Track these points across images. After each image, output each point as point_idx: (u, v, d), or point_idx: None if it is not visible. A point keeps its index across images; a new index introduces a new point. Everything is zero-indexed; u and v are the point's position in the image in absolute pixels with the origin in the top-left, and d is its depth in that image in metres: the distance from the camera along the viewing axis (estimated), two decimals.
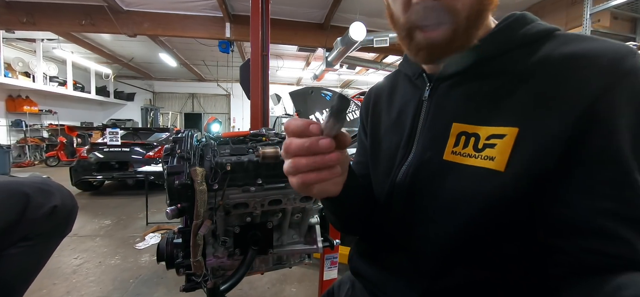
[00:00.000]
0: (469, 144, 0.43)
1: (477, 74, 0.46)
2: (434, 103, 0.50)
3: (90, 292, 2.37)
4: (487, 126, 0.42)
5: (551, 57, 0.39)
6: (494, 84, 0.43)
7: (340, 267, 1.82)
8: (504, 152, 0.40)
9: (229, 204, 0.80)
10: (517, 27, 0.44)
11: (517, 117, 0.39)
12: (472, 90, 0.45)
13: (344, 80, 14.21)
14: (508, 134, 0.39)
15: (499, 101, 0.42)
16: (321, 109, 4.49)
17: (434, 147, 0.47)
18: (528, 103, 0.39)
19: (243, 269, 0.82)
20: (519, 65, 0.42)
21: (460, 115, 0.45)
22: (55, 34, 7.62)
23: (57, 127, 10.36)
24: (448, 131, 0.46)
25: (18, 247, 1.01)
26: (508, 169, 0.39)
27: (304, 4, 6.08)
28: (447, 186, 0.45)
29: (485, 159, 0.41)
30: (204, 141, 0.85)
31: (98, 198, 5.39)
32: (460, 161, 0.43)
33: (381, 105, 0.63)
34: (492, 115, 0.42)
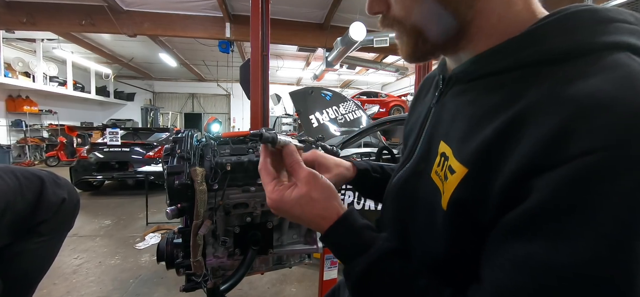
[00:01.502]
0: (444, 168, 0.38)
1: (483, 85, 0.38)
2: (437, 112, 0.46)
3: (90, 292, 2.37)
4: (453, 155, 0.37)
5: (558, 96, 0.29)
6: (485, 104, 0.36)
7: (340, 267, 1.82)
8: (449, 190, 0.36)
9: (229, 204, 0.80)
10: (555, 32, 0.33)
11: (474, 155, 0.33)
12: (464, 106, 0.39)
13: (344, 80, 14.21)
14: (457, 172, 0.35)
15: (475, 128, 0.35)
16: (321, 109, 4.49)
17: (427, 160, 0.44)
18: (492, 142, 0.32)
19: (243, 269, 0.82)
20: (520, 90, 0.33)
21: (447, 133, 0.41)
22: (55, 34, 7.63)
23: (57, 127, 10.37)
24: (437, 147, 0.41)
25: (35, 243, 1.10)
26: (448, 210, 0.36)
27: (304, 4, 6.08)
28: (425, 205, 0.42)
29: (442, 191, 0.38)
30: (204, 141, 0.85)
31: (98, 198, 5.40)
32: (437, 183, 0.40)
33: (421, 97, 0.58)
34: (462, 143, 0.36)
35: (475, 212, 0.33)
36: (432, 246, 0.40)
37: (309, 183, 0.43)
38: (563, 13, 0.34)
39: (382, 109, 10.81)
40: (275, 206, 0.44)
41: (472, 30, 0.38)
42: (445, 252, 0.38)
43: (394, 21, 0.41)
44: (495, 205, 0.31)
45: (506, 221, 0.30)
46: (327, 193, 0.44)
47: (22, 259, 1.09)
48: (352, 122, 4.58)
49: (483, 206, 0.32)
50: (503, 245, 0.30)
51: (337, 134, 4.22)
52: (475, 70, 0.39)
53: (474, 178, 0.33)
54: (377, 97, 11.62)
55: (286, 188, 0.44)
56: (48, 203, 1.12)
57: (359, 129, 3.70)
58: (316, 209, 0.43)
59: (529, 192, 0.28)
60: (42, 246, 1.15)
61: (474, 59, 0.39)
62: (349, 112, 4.65)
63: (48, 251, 1.20)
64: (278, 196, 0.44)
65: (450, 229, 0.36)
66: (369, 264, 0.39)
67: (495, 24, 0.37)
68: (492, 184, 0.31)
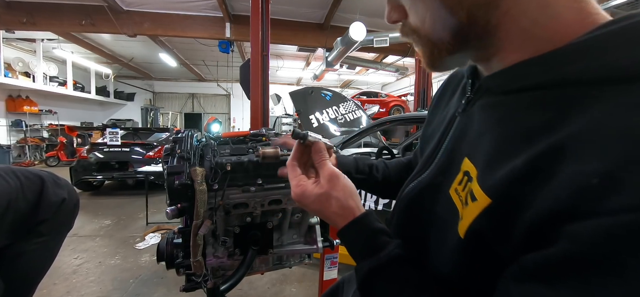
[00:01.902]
0: (465, 188, 0.35)
1: (518, 101, 0.33)
2: (463, 122, 0.42)
3: (90, 292, 2.37)
4: (477, 179, 0.33)
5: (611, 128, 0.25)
6: (519, 125, 0.31)
7: (340, 267, 1.82)
8: (468, 218, 0.33)
9: (229, 204, 0.80)
10: (619, 45, 0.27)
11: (500, 186, 0.30)
12: (494, 124, 0.35)
13: (344, 80, 14.21)
14: (479, 201, 0.32)
15: (504, 154, 0.31)
16: (321, 109, 4.49)
17: (447, 174, 0.41)
18: (523, 174, 0.28)
19: (243, 269, 0.82)
20: (563, 113, 0.28)
21: (472, 151, 0.37)
22: (55, 34, 7.63)
23: (57, 127, 10.36)
24: (460, 163, 0.38)
25: (35, 243, 1.11)
26: (465, 238, 0.34)
27: (304, 4, 6.08)
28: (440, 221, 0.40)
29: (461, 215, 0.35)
30: (204, 141, 0.85)
31: (98, 198, 5.39)
32: (456, 201, 0.37)
33: (444, 98, 0.55)
34: (488, 168, 0.32)
35: (494, 245, 0.31)
36: (443, 264, 0.39)
37: (330, 181, 0.45)
38: (632, 20, 0.27)
39: (382, 109, 10.81)
40: (298, 199, 0.47)
41: (499, 37, 0.34)
42: (456, 275, 0.37)
43: (410, 30, 0.39)
44: (518, 242, 0.28)
45: (529, 261, 0.26)
46: (347, 193, 0.45)
47: (22, 260, 1.09)
48: (352, 122, 4.58)
49: (503, 240, 0.30)
50: (520, 284, 0.27)
51: (337, 134, 4.22)
52: (510, 83, 0.34)
53: (498, 211, 0.30)
54: (377, 97, 11.62)
55: (309, 184, 0.46)
56: (48, 203, 1.12)
57: (359, 129, 3.70)
58: (334, 207, 0.45)
59: (559, 237, 0.24)
60: (43, 246, 1.15)
61: (508, 69, 0.34)
62: (349, 112, 4.65)
63: (48, 252, 1.21)
64: (301, 191, 0.46)
65: (465, 256, 0.35)
66: (376, 267, 0.40)
67: (528, 28, 0.32)
68: (517, 219, 0.28)
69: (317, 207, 0.45)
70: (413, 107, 8.58)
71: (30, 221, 1.09)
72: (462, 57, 0.39)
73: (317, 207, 0.45)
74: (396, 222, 0.51)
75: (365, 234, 0.43)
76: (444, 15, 0.35)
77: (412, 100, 9.97)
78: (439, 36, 0.36)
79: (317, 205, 0.45)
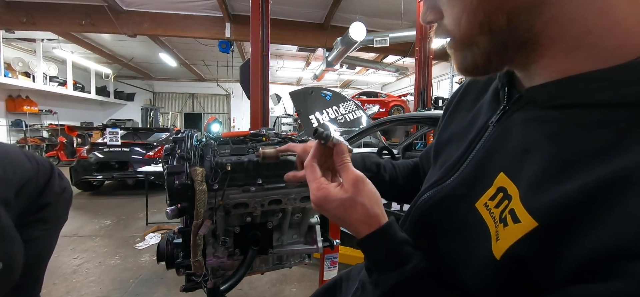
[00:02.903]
0: (501, 206, 0.33)
1: (574, 118, 0.31)
2: (497, 133, 0.40)
3: (90, 292, 2.37)
4: (520, 199, 0.31)
5: None
6: (576, 146, 0.29)
7: (340, 267, 1.82)
8: (508, 239, 0.31)
9: (229, 204, 0.80)
10: None
11: (551, 210, 0.28)
12: (543, 140, 0.32)
13: (344, 80, 14.22)
14: (523, 223, 0.29)
15: (556, 175, 0.29)
16: (321, 109, 4.49)
17: (473, 186, 0.39)
18: (578, 201, 0.26)
19: (243, 269, 0.82)
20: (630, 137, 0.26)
21: (512, 167, 0.34)
22: (55, 34, 7.63)
23: (57, 127, 10.37)
24: (493, 177, 0.36)
25: (41, 230, 1.24)
26: (502, 261, 0.31)
27: (304, 4, 6.08)
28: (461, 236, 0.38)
29: (495, 234, 0.33)
30: (204, 141, 0.85)
31: (98, 198, 5.39)
32: (485, 218, 0.35)
33: (467, 101, 0.52)
34: (536, 189, 0.30)
35: (534, 271, 0.29)
36: (466, 280, 0.37)
37: (356, 186, 0.42)
38: None
39: (382, 109, 10.81)
40: (319, 203, 0.43)
41: (542, 44, 0.31)
42: (483, 293, 0.35)
43: (446, 32, 0.37)
44: (564, 272, 0.26)
45: (574, 293, 0.25)
46: (373, 199, 0.42)
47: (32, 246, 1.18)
48: (352, 122, 4.58)
49: (547, 268, 0.28)
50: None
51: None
52: (564, 97, 0.31)
53: (545, 236, 0.28)
54: (377, 97, 11.61)
55: (332, 188, 0.43)
56: (53, 190, 1.28)
57: (359, 129, 3.70)
58: (358, 214, 0.42)
59: (617, 274, 0.22)
60: (47, 233, 1.28)
61: (562, 81, 0.31)
62: (349, 112, 4.65)
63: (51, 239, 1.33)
64: (323, 194, 0.43)
65: (499, 278, 0.33)
66: (402, 281, 0.38)
67: (580, 37, 0.29)
68: (567, 248, 0.26)
69: (340, 213, 0.42)
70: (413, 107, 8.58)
71: (35, 203, 1.22)
72: (500, 62, 0.35)
73: (339, 213, 0.42)
74: (409, 230, 0.48)
75: (390, 245, 0.41)
76: (481, 18, 0.32)
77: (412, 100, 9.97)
78: (475, 40, 0.33)
79: (340, 211, 0.42)
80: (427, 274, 0.39)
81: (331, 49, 6.86)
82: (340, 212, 0.42)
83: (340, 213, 0.42)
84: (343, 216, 0.42)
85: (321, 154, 0.48)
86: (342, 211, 0.42)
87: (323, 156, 0.48)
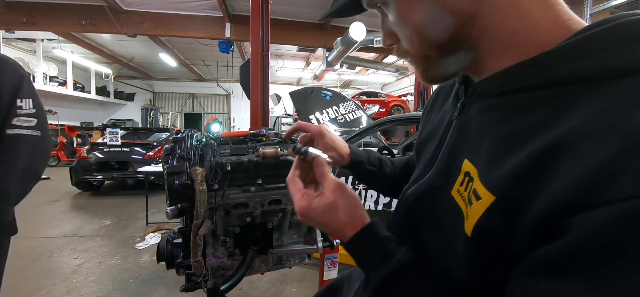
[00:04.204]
0: (467, 188, 0.36)
1: (514, 102, 0.35)
2: (459, 125, 0.44)
3: (90, 292, 2.37)
4: (479, 178, 0.35)
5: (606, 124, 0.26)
6: (518, 124, 0.33)
7: (340, 267, 1.82)
8: (474, 216, 0.34)
9: (229, 204, 0.80)
10: (604, 45, 0.30)
11: (503, 182, 0.31)
12: (492, 125, 0.37)
13: (344, 80, 14.21)
14: (484, 199, 0.33)
15: (505, 152, 0.33)
16: (321, 109, 4.49)
17: (447, 176, 0.42)
18: (524, 170, 0.30)
19: (243, 269, 0.82)
20: (559, 110, 0.30)
21: (472, 152, 0.38)
22: (55, 34, 7.63)
23: (57, 127, 10.35)
24: (460, 165, 0.39)
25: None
26: (472, 236, 0.34)
27: (304, 4, 6.08)
28: (443, 224, 0.41)
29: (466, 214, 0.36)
30: (204, 141, 0.85)
31: (98, 198, 5.39)
32: (459, 203, 0.38)
33: (437, 103, 0.56)
34: (490, 167, 0.34)
35: (502, 242, 0.32)
36: (451, 266, 0.39)
37: (335, 192, 0.45)
38: (612, 22, 0.30)
39: (382, 109, 10.81)
40: (303, 213, 0.46)
41: (482, 48, 0.37)
42: (465, 276, 0.37)
43: (403, 52, 0.43)
44: (526, 237, 0.29)
45: (538, 255, 0.27)
46: (353, 202, 0.45)
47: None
48: (352, 122, 4.58)
49: (511, 236, 0.30)
50: (532, 279, 0.28)
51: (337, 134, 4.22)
52: (505, 85, 0.36)
53: (502, 207, 0.31)
54: (377, 97, 11.62)
55: (314, 197, 0.46)
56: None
57: (359, 129, 3.70)
58: (341, 217, 0.44)
59: (565, 229, 0.25)
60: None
61: (503, 72, 0.36)
62: (349, 112, 4.65)
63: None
64: (306, 204, 0.45)
65: (474, 255, 0.35)
66: (389, 274, 0.40)
67: (509, 38, 0.35)
68: (522, 215, 0.29)
69: (324, 219, 0.45)
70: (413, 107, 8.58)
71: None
72: (453, 67, 0.41)
73: (323, 219, 0.45)
74: (397, 226, 0.51)
75: (375, 242, 0.43)
76: (427, 37, 0.39)
77: (412, 100, 9.97)
78: (427, 54, 0.40)
79: (324, 217, 0.44)
80: (413, 265, 0.41)
81: (331, 49, 6.85)
82: (325, 218, 0.44)
83: (324, 219, 0.45)
84: (327, 222, 0.45)
85: (302, 168, 0.52)
86: (326, 217, 0.44)
87: (304, 170, 0.52)
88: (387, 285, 0.40)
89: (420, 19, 0.38)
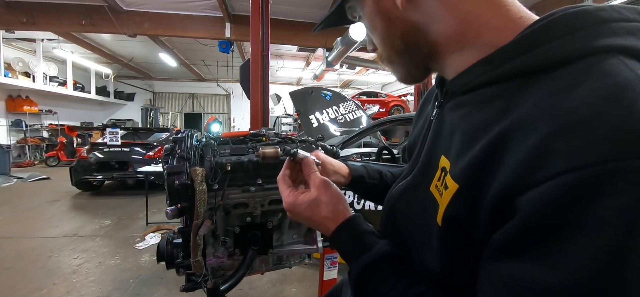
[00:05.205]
0: (443, 183, 0.38)
1: (475, 98, 0.38)
2: (436, 125, 0.46)
3: (90, 292, 2.37)
4: (449, 170, 0.37)
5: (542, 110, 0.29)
6: (477, 119, 0.35)
7: (340, 267, 1.82)
8: (443, 206, 0.36)
9: (229, 204, 0.80)
10: (544, 39, 0.32)
11: (464, 172, 0.33)
12: (459, 121, 0.39)
13: (344, 80, 14.21)
14: (450, 188, 0.35)
15: (467, 144, 0.35)
16: (321, 109, 4.49)
17: (426, 173, 0.43)
18: (480, 159, 0.32)
19: (243, 269, 0.82)
20: (510, 103, 0.32)
21: (447, 148, 0.40)
22: (55, 34, 7.62)
23: (57, 127, 10.36)
24: (438, 161, 0.41)
25: None
26: (442, 225, 0.36)
27: (304, 4, 6.08)
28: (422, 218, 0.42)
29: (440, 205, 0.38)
30: (204, 141, 0.85)
31: (98, 198, 5.39)
32: (436, 197, 0.39)
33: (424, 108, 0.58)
34: (457, 159, 0.36)
35: (468, 229, 0.34)
36: (429, 259, 0.41)
37: (319, 188, 0.49)
38: (551, 17, 0.33)
39: (382, 109, 10.81)
40: (289, 208, 0.50)
41: (441, 51, 0.41)
42: (442, 267, 0.38)
43: (380, 56, 0.48)
44: (485, 223, 0.31)
45: (495, 240, 0.30)
46: (336, 198, 0.48)
47: None
48: (352, 122, 4.58)
49: (474, 222, 0.33)
50: (493, 263, 0.30)
51: (337, 134, 4.22)
52: (465, 83, 0.39)
53: (465, 195, 0.33)
54: (377, 97, 11.61)
55: (300, 193, 0.50)
56: None
57: (359, 129, 3.70)
58: (324, 212, 0.47)
59: (514, 212, 0.28)
60: None
61: (464, 72, 0.39)
62: (349, 112, 4.65)
63: None
64: (292, 200, 0.49)
65: (445, 244, 0.37)
66: (367, 265, 0.43)
67: (462, 41, 0.38)
68: (481, 201, 0.31)
69: (308, 214, 0.48)
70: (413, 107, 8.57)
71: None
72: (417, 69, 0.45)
73: (308, 214, 0.48)
74: (382, 224, 0.54)
75: (355, 235, 0.46)
76: (389, 44, 0.44)
77: (412, 100, 9.97)
78: (392, 60, 0.46)
79: (308, 212, 0.48)
80: (391, 256, 0.43)
81: (331, 49, 6.85)
82: (309, 213, 0.48)
83: (309, 214, 0.48)
84: (311, 216, 0.48)
85: (293, 169, 0.56)
86: (309, 212, 0.48)
87: (294, 171, 0.56)
88: (365, 275, 0.43)
89: (381, 29, 0.44)
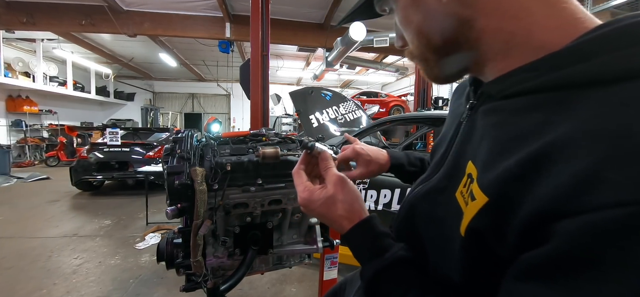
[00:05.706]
0: (468, 190, 0.36)
1: (512, 106, 0.35)
2: (467, 128, 0.43)
3: (90, 292, 2.37)
4: (477, 179, 0.34)
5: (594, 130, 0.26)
6: (512, 129, 0.33)
7: (340, 267, 1.81)
8: (468, 216, 0.34)
9: (229, 204, 0.80)
10: (604, 49, 0.29)
11: (495, 185, 0.31)
12: (491, 128, 0.36)
13: (344, 80, 14.21)
14: (477, 200, 0.33)
15: (499, 155, 0.32)
16: (321, 109, 4.49)
17: (452, 177, 0.42)
18: (515, 174, 0.29)
19: (243, 269, 0.82)
20: (553, 116, 0.30)
21: (475, 154, 0.37)
22: (55, 34, 7.63)
23: (57, 127, 10.36)
24: (465, 167, 0.39)
25: None
26: (465, 236, 0.35)
27: (304, 4, 6.08)
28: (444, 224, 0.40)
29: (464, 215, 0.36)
30: (204, 141, 0.85)
31: (98, 198, 5.39)
32: (461, 204, 0.37)
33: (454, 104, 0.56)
34: (486, 169, 0.34)
35: (493, 244, 0.32)
36: (446, 266, 0.39)
37: (336, 185, 0.47)
38: (616, 25, 0.29)
39: (382, 109, 10.81)
40: (304, 204, 0.48)
41: (484, 50, 0.37)
42: (460, 277, 0.37)
43: (409, 52, 0.44)
44: (514, 241, 0.29)
45: (525, 260, 0.28)
46: (352, 196, 0.47)
47: None
48: (352, 122, 4.58)
49: (501, 239, 0.31)
50: (518, 284, 0.28)
51: (337, 134, 4.22)
52: (504, 89, 0.36)
53: (494, 209, 0.31)
54: (377, 97, 11.62)
55: (315, 189, 0.48)
56: None
57: (359, 129, 3.70)
58: (340, 210, 0.46)
59: (549, 236, 0.25)
60: None
61: (506, 75, 0.36)
62: (349, 112, 4.65)
63: None
64: (308, 195, 0.47)
65: (466, 256, 0.36)
66: (381, 269, 0.41)
67: (509, 40, 0.35)
68: (511, 218, 0.29)
69: (323, 210, 0.46)
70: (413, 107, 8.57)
71: None
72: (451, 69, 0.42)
73: (323, 211, 0.46)
74: (398, 224, 0.52)
75: (371, 236, 0.44)
76: (424, 39, 0.40)
77: (412, 100, 9.97)
78: (425, 57, 0.42)
79: (323, 208, 0.46)
80: (406, 262, 0.42)
81: (331, 49, 6.85)
82: (324, 210, 0.46)
83: (324, 211, 0.47)
84: (326, 213, 0.47)
85: (308, 162, 0.54)
86: (325, 209, 0.46)
87: (310, 164, 0.54)
88: (377, 279, 0.41)
89: (418, 23, 0.40)
